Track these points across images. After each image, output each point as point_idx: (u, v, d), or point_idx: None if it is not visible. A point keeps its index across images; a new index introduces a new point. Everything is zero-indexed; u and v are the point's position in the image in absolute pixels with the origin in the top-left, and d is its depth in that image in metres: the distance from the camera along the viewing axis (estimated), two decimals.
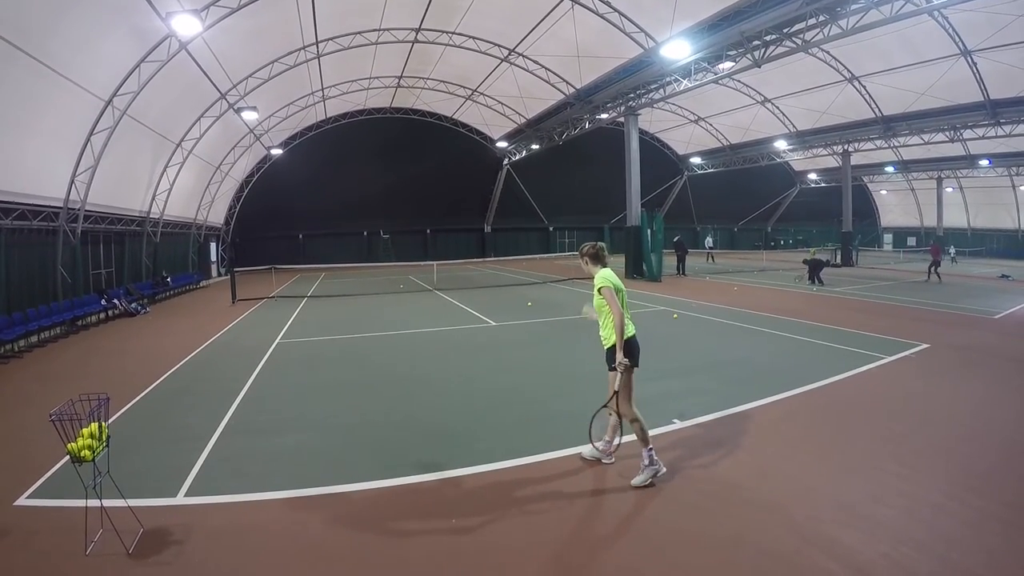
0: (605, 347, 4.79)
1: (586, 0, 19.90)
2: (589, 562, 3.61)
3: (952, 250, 34.97)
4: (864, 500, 4.28)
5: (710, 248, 36.88)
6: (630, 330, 4.66)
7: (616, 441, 5.02)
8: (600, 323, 4.85)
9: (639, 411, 4.71)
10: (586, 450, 5.18)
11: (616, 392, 4.63)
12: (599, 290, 4.68)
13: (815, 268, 20.48)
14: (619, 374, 4.55)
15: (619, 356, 4.53)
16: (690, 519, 4.10)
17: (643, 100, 24.74)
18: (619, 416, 4.78)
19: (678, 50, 18.58)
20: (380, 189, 36.45)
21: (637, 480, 4.60)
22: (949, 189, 40.79)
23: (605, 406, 4.83)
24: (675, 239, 27.28)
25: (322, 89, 28.57)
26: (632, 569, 3.53)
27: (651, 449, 4.64)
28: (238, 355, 10.07)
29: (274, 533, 4.02)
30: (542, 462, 5.13)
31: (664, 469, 4.67)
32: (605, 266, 4.93)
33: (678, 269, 25.56)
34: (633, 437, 4.76)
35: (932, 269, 21.43)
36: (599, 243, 5.08)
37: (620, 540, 3.87)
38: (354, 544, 3.88)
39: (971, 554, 3.55)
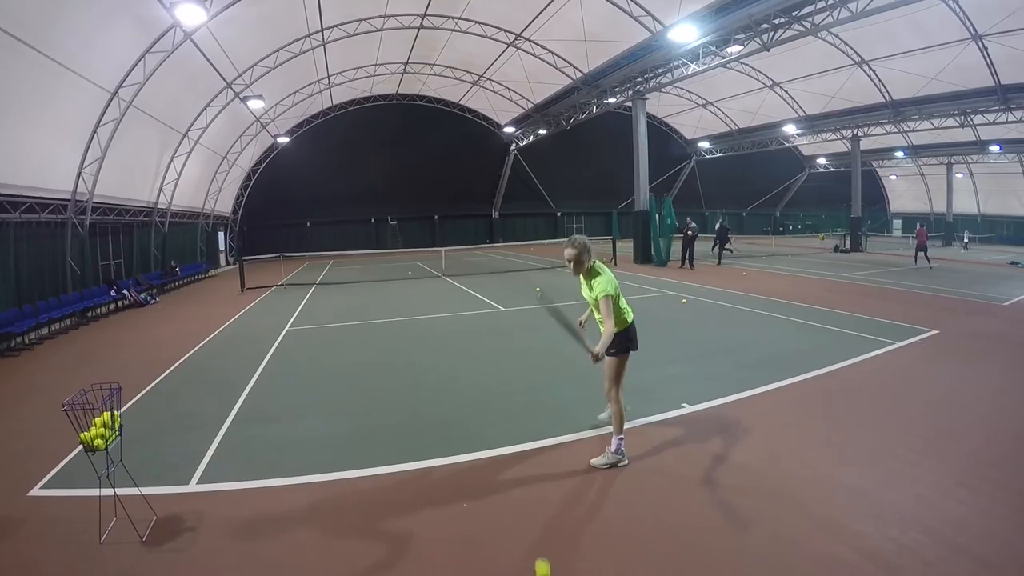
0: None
1: None
2: (601, 544, 3.63)
3: (966, 236, 34.71)
4: (873, 485, 4.27)
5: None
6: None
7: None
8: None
9: (624, 398, 4.86)
10: (603, 416, 5.55)
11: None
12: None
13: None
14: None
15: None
16: (699, 502, 4.11)
17: (651, 84, 24.52)
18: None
19: (686, 34, 18.41)
20: (387, 176, 36.40)
21: (597, 461, 4.70)
22: (959, 175, 40.19)
23: None
24: (718, 224, 24.59)
25: (328, 76, 28.44)
26: (643, 551, 3.55)
27: (622, 438, 4.71)
28: (248, 343, 10.13)
29: (286, 519, 4.06)
30: (554, 446, 5.15)
31: (627, 462, 4.70)
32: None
33: (719, 259, 22.91)
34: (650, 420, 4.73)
35: (919, 253, 21.26)
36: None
37: (631, 523, 3.88)
38: (367, 529, 3.91)
39: (980, 539, 3.55)
